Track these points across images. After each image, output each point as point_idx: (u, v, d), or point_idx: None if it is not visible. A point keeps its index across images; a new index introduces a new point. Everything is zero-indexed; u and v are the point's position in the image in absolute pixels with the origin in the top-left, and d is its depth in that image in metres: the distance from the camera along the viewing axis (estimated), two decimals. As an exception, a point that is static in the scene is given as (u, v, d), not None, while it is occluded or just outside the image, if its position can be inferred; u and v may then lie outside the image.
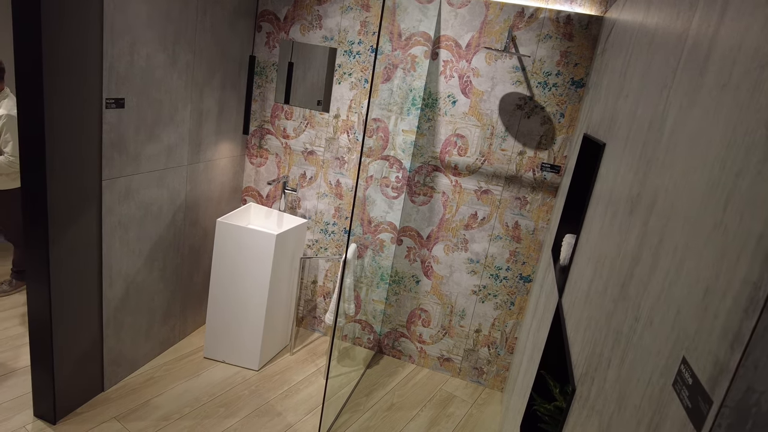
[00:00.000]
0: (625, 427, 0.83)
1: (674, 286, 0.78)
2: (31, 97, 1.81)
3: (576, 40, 2.42)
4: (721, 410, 0.56)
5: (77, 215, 2.06)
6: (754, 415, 0.55)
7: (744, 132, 0.65)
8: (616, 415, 0.90)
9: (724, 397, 0.56)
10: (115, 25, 2.00)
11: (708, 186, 0.73)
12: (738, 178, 0.64)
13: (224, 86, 2.75)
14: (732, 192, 0.65)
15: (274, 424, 2.40)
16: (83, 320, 2.21)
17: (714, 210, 0.69)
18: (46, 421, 2.18)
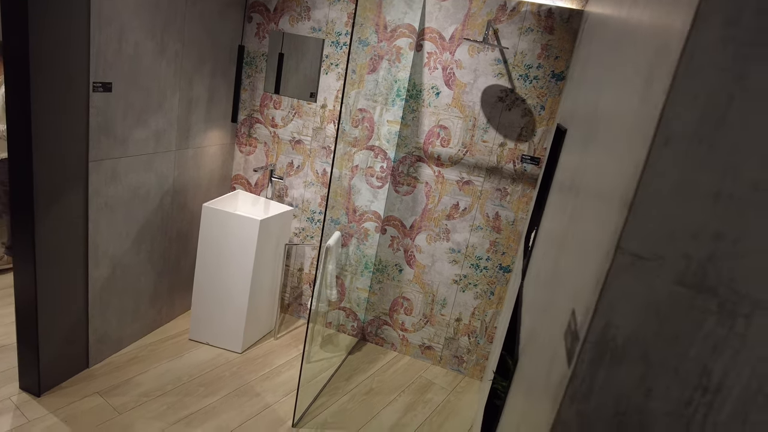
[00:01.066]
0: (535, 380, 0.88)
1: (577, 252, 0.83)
2: (17, 77, 1.89)
3: (557, 33, 2.46)
4: (584, 346, 0.61)
5: (63, 195, 2.13)
6: (611, 350, 0.60)
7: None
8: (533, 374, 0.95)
9: (586, 334, 0.61)
10: (102, 11, 2.07)
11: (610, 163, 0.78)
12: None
13: (214, 75, 2.82)
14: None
15: (253, 404, 2.47)
16: (69, 298, 2.29)
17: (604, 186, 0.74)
18: (31, 394, 2.27)
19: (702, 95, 0.51)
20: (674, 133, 0.52)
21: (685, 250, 0.55)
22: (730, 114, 0.51)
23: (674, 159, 0.53)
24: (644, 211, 0.55)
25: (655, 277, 0.57)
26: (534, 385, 0.90)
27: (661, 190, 0.54)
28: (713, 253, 0.55)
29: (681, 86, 0.51)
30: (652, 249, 0.56)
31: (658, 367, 0.60)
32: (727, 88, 0.50)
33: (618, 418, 0.63)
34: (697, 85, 0.51)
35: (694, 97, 0.51)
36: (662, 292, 0.57)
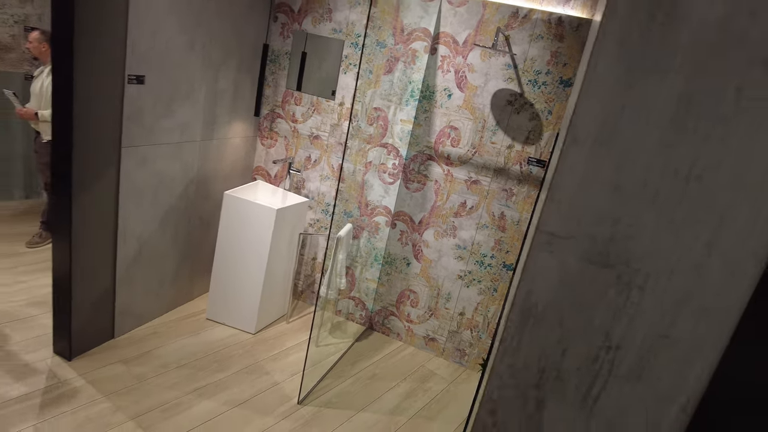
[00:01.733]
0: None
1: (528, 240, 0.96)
2: (63, 69, 2.10)
3: (566, 41, 2.56)
4: (512, 309, 0.74)
5: (97, 177, 2.35)
6: (534, 315, 0.73)
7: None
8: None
9: (514, 299, 0.74)
10: (139, 9, 2.28)
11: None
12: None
13: (239, 70, 3.01)
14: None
15: (261, 381, 2.65)
16: (99, 273, 2.51)
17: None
18: (63, 357, 2.50)
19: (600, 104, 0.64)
20: (579, 134, 0.65)
21: (590, 231, 0.68)
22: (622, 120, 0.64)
23: (580, 157, 0.66)
24: (558, 198, 0.68)
25: (567, 254, 0.70)
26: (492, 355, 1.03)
27: (570, 181, 0.67)
28: (613, 234, 0.67)
29: (585, 98, 0.64)
30: (564, 229, 0.69)
31: (571, 331, 0.73)
32: (619, 97, 0.63)
33: (540, 372, 0.76)
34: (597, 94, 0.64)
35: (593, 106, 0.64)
36: (573, 267, 0.70)
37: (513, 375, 0.77)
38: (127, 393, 2.37)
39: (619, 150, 0.65)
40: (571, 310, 0.71)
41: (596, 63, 0.63)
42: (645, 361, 0.70)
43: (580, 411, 0.75)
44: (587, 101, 0.65)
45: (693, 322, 0.66)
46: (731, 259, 0.63)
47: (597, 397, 0.73)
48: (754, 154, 0.60)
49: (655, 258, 0.66)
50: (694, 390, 0.69)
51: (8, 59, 3.59)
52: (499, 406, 0.80)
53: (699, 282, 0.65)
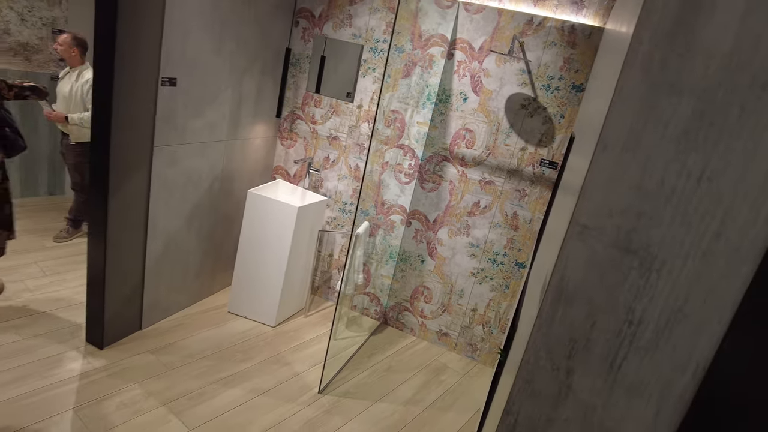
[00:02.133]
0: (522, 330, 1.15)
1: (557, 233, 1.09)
2: (104, 72, 2.24)
3: (579, 48, 2.70)
4: (547, 290, 0.88)
5: (131, 174, 2.49)
6: (566, 292, 0.87)
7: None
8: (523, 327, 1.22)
9: (549, 281, 0.88)
10: (173, 16, 2.42)
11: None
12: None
13: (263, 73, 3.15)
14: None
15: (284, 371, 2.78)
16: (130, 266, 2.65)
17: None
18: (95, 346, 2.64)
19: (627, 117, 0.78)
20: (609, 143, 0.79)
21: (616, 223, 0.82)
22: (645, 131, 0.77)
23: (609, 161, 0.80)
24: (589, 195, 0.82)
25: (596, 242, 0.84)
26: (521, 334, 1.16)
27: (600, 181, 0.81)
28: (635, 225, 0.81)
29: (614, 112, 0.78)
30: (595, 221, 0.83)
31: (599, 307, 0.86)
32: (643, 113, 0.77)
33: (571, 344, 0.89)
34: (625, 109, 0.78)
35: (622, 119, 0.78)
36: (601, 253, 0.84)
37: (547, 346, 0.91)
38: (157, 380, 2.51)
39: (641, 156, 0.78)
40: (599, 289, 0.85)
41: (623, 85, 0.77)
42: (661, 333, 0.83)
43: (605, 378, 0.88)
44: (616, 115, 0.79)
45: (702, 300, 0.80)
46: (734, 246, 0.77)
47: (620, 366, 0.87)
48: (754, 161, 0.73)
49: (671, 245, 0.80)
50: (702, 358, 0.82)
51: (36, 60, 3.73)
52: (533, 374, 0.93)
53: (707, 266, 0.78)
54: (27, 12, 3.62)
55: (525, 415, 0.95)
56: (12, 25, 3.55)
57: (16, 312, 2.79)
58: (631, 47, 0.76)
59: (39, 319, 2.76)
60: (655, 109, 0.76)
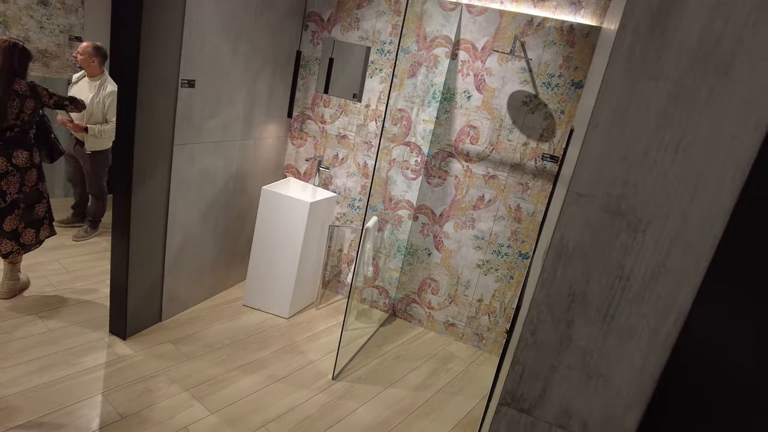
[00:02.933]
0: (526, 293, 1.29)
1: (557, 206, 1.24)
2: (129, 75, 2.40)
3: (577, 46, 2.85)
4: (549, 250, 1.03)
5: (153, 171, 2.65)
6: (565, 252, 1.02)
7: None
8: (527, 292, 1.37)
9: (550, 243, 1.03)
10: (192, 20, 2.58)
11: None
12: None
13: (274, 75, 3.31)
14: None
15: (298, 359, 2.93)
16: (150, 260, 2.80)
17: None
18: (119, 337, 2.78)
19: (613, 100, 0.93)
20: (599, 122, 0.94)
21: (607, 190, 0.97)
22: (629, 111, 0.92)
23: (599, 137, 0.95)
24: (583, 167, 0.97)
25: (590, 207, 0.98)
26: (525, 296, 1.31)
27: (593, 155, 0.96)
28: (623, 192, 0.96)
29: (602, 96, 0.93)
30: (589, 189, 0.98)
31: (593, 265, 1.01)
32: (627, 96, 0.92)
33: (570, 298, 1.04)
34: (611, 94, 0.93)
35: (609, 102, 0.93)
36: (594, 217, 0.98)
37: (549, 302, 1.06)
38: (178, 368, 2.66)
39: (627, 132, 0.93)
40: (593, 249, 1.00)
41: (610, 73, 0.92)
42: (647, 286, 0.98)
43: (600, 328, 1.03)
44: (604, 98, 0.94)
45: (681, 254, 0.95)
46: (707, 207, 0.91)
47: (613, 316, 1.01)
48: (720, 134, 0.88)
49: (653, 208, 0.95)
50: (682, 307, 0.97)
51: (53, 66, 3.90)
52: (537, 327, 1.08)
53: (685, 224, 0.93)
54: (45, 20, 3.79)
55: (531, 364, 1.10)
56: (32, 32, 3.73)
57: (42, 305, 2.94)
58: (616, 42, 0.91)
59: (63, 312, 2.91)
60: (637, 93, 0.91)
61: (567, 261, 1.02)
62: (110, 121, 3.51)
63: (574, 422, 1.09)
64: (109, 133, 3.50)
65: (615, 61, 0.91)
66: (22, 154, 2.75)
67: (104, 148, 3.63)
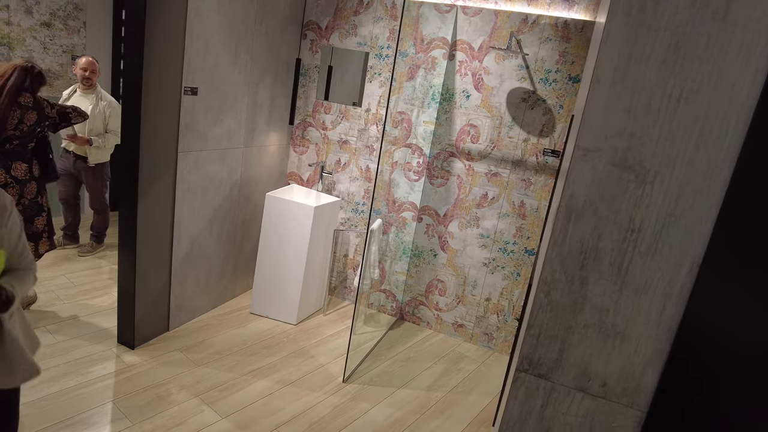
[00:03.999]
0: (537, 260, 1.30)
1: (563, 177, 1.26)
2: (133, 84, 2.44)
3: (572, 41, 2.90)
4: (559, 209, 1.04)
5: (158, 179, 2.67)
6: (575, 209, 1.03)
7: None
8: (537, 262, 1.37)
9: (559, 202, 1.04)
10: (194, 29, 2.64)
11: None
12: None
13: (275, 83, 3.36)
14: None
15: (308, 363, 2.91)
16: (157, 269, 2.81)
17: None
18: (127, 347, 2.77)
19: (614, 55, 0.95)
20: (601, 77, 0.96)
21: (613, 144, 0.98)
22: (630, 64, 0.94)
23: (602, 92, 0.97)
24: (588, 122, 0.99)
25: (597, 162, 1.00)
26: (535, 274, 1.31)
27: (596, 110, 0.98)
28: (629, 144, 0.97)
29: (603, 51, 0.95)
30: (595, 144, 0.99)
31: (604, 220, 1.02)
32: (627, 49, 0.94)
33: (582, 255, 1.05)
34: (612, 48, 0.95)
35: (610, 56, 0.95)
36: (602, 171, 1.00)
37: (561, 261, 1.06)
38: (188, 375, 2.64)
39: (629, 85, 0.95)
40: (603, 203, 1.01)
41: (610, 28, 0.94)
42: (659, 237, 0.99)
43: (614, 283, 1.03)
44: (605, 53, 0.96)
45: (691, 202, 0.96)
46: (713, 153, 0.93)
47: (627, 270, 1.02)
48: (721, 80, 0.90)
49: (660, 158, 0.96)
50: (695, 255, 0.98)
51: (57, 85, 3.96)
52: (551, 288, 1.08)
53: (692, 172, 0.95)
54: (49, 41, 3.87)
55: (547, 326, 1.10)
56: (35, 53, 3.80)
57: (50, 318, 2.94)
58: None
59: (71, 324, 2.91)
60: (637, 46, 0.94)
61: (577, 218, 1.03)
62: (111, 131, 3.56)
63: (594, 383, 1.08)
64: (112, 142, 3.56)
65: (614, 15, 0.94)
66: (20, 166, 2.78)
67: (106, 159, 3.67)
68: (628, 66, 0.94)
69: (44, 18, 3.81)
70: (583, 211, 1.02)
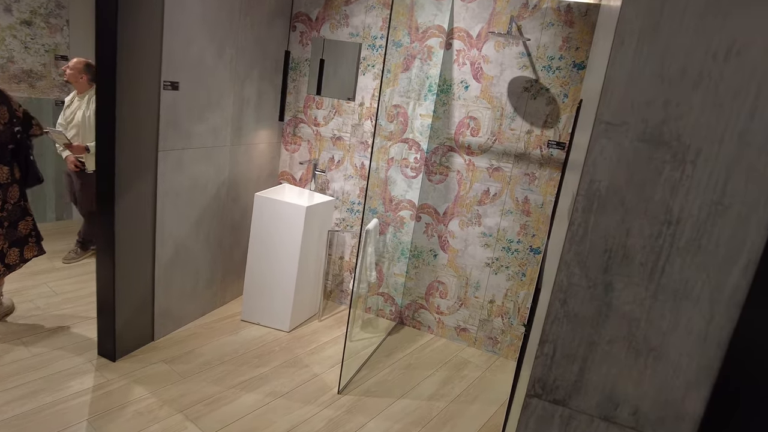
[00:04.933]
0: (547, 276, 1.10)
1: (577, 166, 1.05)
2: (106, 79, 2.25)
3: (576, 26, 2.70)
4: (577, 198, 0.84)
5: (137, 179, 2.48)
6: (597, 198, 0.83)
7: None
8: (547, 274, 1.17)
9: (577, 189, 0.84)
10: (173, 19, 2.45)
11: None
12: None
13: (262, 79, 3.17)
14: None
15: (301, 373, 2.71)
16: (139, 275, 2.62)
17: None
18: (108, 359, 2.58)
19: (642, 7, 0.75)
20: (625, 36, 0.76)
21: (642, 116, 0.78)
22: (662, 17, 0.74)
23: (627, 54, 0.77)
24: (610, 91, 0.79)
25: (623, 138, 0.80)
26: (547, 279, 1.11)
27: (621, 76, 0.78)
28: (663, 116, 0.77)
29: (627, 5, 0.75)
30: (619, 117, 0.79)
31: (633, 210, 0.82)
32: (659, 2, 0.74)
33: (606, 255, 0.85)
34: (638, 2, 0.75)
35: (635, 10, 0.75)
36: (629, 149, 0.80)
37: (581, 262, 0.86)
38: (172, 389, 2.45)
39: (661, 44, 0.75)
40: (632, 189, 0.81)
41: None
42: (703, 230, 0.79)
43: (646, 288, 0.83)
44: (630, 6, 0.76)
45: (744, 185, 0.75)
46: (773, 122, 0.73)
47: (662, 272, 0.82)
48: (784, 28, 0.70)
49: (703, 131, 0.76)
50: (752, 251, 0.77)
51: (39, 86, 3.78)
52: (569, 295, 0.88)
53: (745, 146, 0.74)
54: (30, 40, 3.69)
55: (564, 341, 0.90)
56: (16, 53, 3.62)
57: (27, 330, 2.75)
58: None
59: (50, 336, 2.72)
60: None
61: (600, 209, 0.83)
62: None
63: (622, 410, 0.88)
64: None
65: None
66: (2, 169, 2.60)
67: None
68: (659, 21, 0.74)
69: (24, 16, 3.63)
70: (607, 201, 0.82)
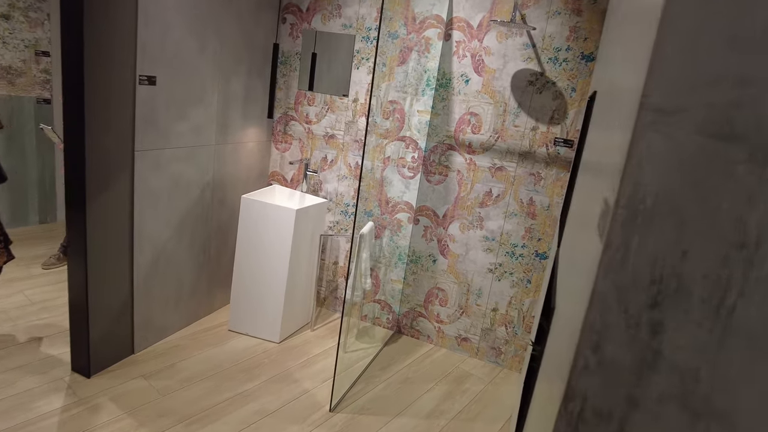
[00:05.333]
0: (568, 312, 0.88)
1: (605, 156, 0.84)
2: (72, 69, 2.04)
3: (585, 14, 2.48)
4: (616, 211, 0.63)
5: (112, 182, 2.27)
6: (642, 211, 0.61)
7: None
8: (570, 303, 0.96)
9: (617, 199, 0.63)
10: (149, 9, 2.23)
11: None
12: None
13: (250, 74, 2.96)
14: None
15: (291, 389, 2.50)
16: (116, 284, 2.41)
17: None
18: (82, 375, 2.37)
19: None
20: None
21: (707, 98, 0.57)
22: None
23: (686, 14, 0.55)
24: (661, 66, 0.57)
25: (679, 131, 0.59)
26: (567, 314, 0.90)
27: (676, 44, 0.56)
28: (737, 98, 0.56)
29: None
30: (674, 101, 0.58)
31: (692, 226, 0.60)
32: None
33: (655, 286, 0.63)
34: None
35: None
36: (689, 146, 0.58)
37: (620, 295, 0.65)
38: (149, 408, 2.24)
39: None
40: (691, 199, 0.59)
41: None
42: (789, 255, 0.57)
43: (710, 330, 0.62)
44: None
45: None
46: None
47: (732, 310, 0.60)
48: None
49: (797, 120, 0.54)
50: None
51: (19, 83, 3.58)
52: (603, 337, 0.67)
53: None
54: (8, 34, 3.48)
55: (596, 397, 0.68)
56: (-8, 48, 3.41)
57: (-3, 343, 2.55)
58: None
59: (20, 350, 2.51)
60: None
61: (647, 224, 0.62)
62: None
63: (671, 486, 0.67)
64: None
65: None
66: None
67: None
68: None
69: (2, 9, 3.42)
70: (657, 214, 0.61)
